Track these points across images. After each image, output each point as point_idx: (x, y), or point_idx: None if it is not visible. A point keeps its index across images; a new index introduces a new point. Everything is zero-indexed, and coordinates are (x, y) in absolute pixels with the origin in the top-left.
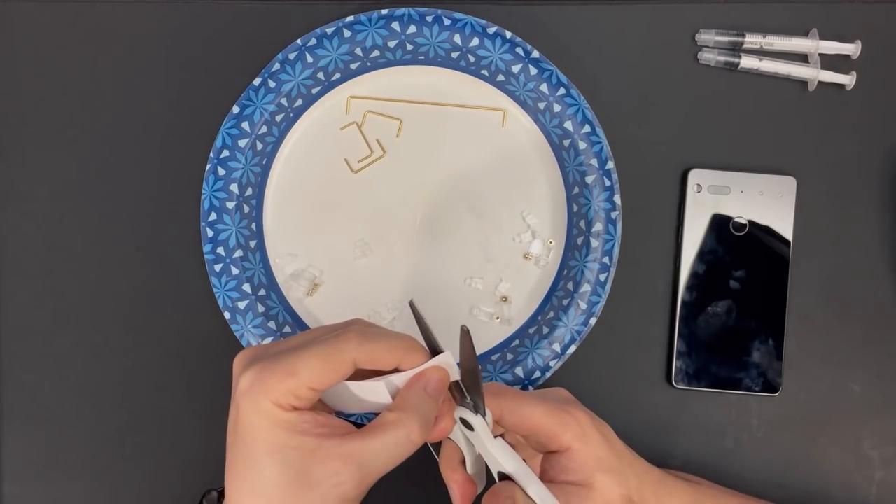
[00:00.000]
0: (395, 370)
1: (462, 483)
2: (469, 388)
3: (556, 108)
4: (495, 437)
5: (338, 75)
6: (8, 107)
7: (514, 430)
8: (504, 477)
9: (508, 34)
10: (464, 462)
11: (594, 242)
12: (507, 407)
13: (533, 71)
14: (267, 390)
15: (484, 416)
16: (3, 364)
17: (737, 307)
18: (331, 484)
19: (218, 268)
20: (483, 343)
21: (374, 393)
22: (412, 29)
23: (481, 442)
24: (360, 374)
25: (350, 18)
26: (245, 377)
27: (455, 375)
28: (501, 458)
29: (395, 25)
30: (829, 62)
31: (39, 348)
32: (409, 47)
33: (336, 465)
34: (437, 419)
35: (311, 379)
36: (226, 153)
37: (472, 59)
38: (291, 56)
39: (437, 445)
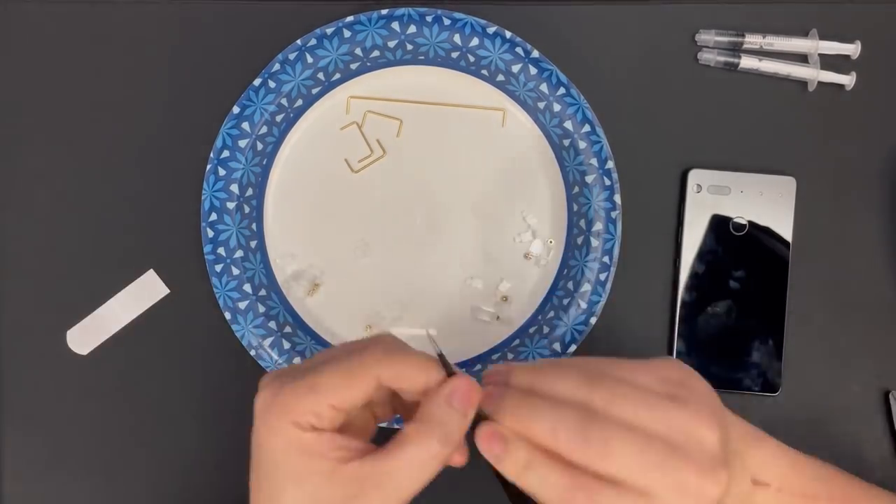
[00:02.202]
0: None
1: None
2: None
3: (556, 107)
4: None
5: (338, 75)
6: (8, 107)
7: None
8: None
9: (508, 34)
10: None
11: (594, 242)
12: None
13: (533, 70)
14: (285, 409)
15: None
16: (3, 364)
17: (736, 307)
18: None
19: (218, 268)
20: (483, 342)
21: None
22: (412, 29)
23: None
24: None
25: (350, 18)
26: (261, 396)
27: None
28: None
29: (395, 25)
30: (828, 62)
31: (39, 348)
32: (409, 47)
33: (353, 489)
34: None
35: (331, 395)
36: (226, 153)
37: (471, 58)
38: (291, 56)
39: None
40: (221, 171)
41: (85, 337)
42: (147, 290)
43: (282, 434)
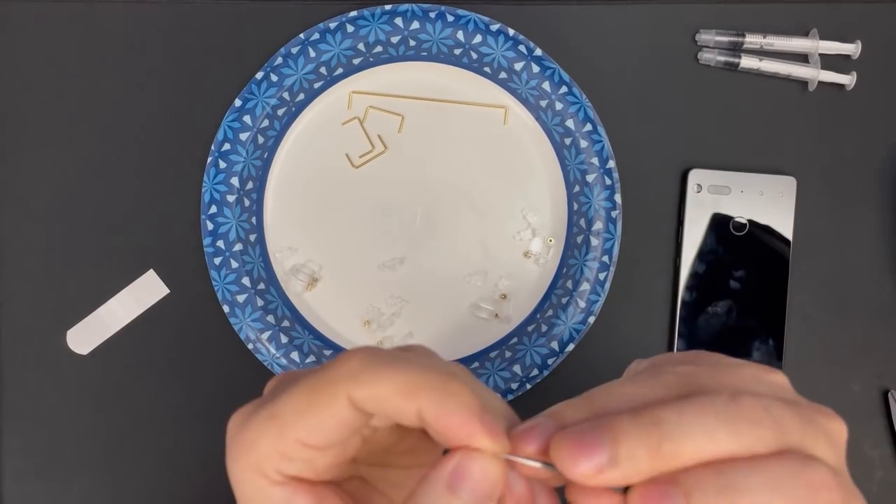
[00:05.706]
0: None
1: None
2: None
3: (558, 106)
4: None
5: (340, 70)
6: (8, 106)
7: None
8: None
9: (511, 31)
10: None
11: (594, 241)
12: None
13: (535, 69)
14: (247, 450)
15: None
16: (3, 364)
17: (737, 307)
18: None
19: (217, 261)
20: (482, 340)
21: None
22: (415, 25)
23: None
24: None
25: (353, 13)
26: (228, 430)
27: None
28: None
29: (399, 21)
30: (829, 62)
31: (39, 348)
32: (412, 43)
33: None
34: None
35: (294, 425)
36: (227, 146)
37: (474, 55)
38: (294, 50)
39: None
40: (222, 164)
41: (85, 337)
42: (147, 290)
43: (247, 486)
